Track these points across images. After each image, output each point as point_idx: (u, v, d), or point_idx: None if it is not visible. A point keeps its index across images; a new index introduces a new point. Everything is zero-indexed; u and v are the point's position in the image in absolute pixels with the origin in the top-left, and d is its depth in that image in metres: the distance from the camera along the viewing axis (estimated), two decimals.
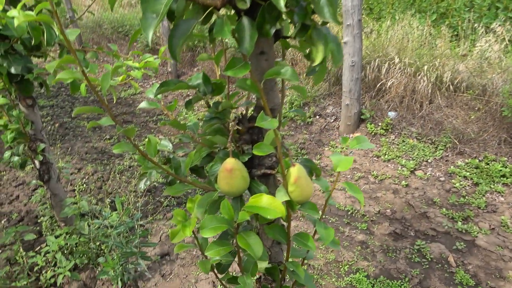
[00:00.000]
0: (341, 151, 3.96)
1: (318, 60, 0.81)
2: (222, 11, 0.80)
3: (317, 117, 4.62)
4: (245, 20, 0.78)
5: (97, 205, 2.84)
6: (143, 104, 1.08)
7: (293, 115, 4.63)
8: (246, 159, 1.01)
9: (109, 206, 2.93)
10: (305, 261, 1.24)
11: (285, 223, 1.06)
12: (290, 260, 1.06)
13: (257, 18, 0.78)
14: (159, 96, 1.11)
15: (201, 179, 1.14)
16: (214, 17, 0.82)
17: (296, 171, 0.95)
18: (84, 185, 3.48)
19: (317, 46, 0.80)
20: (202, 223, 0.90)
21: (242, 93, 1.28)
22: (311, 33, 0.80)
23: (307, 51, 0.87)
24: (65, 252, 2.50)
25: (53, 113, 5.19)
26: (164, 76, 6.52)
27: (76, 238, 2.48)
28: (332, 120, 4.51)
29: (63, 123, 4.84)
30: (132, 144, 0.92)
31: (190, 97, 1.11)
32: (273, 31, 0.82)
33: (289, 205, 0.94)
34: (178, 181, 1.04)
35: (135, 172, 3.66)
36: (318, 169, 1.14)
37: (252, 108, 1.03)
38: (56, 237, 2.53)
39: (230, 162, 0.93)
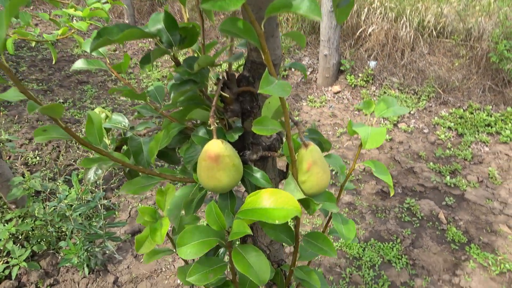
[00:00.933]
0: (320, 106, 3.71)
1: None
2: None
3: (293, 70, 4.30)
4: None
5: (53, 182, 2.48)
6: (78, 64, 0.74)
7: None
8: (236, 137, 0.72)
9: (66, 183, 2.58)
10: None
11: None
12: (297, 264, 0.81)
13: None
14: (103, 50, 0.77)
15: (173, 165, 0.85)
16: None
17: (309, 155, 0.67)
18: (38, 157, 3.07)
19: None
20: (179, 239, 0.62)
21: (222, 42, 0.94)
22: None
23: None
24: (19, 238, 2.18)
25: None
26: None
27: (31, 222, 2.15)
28: (309, 73, 4.21)
29: (7, 87, 4.26)
30: (62, 128, 0.60)
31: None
32: None
33: (304, 203, 0.67)
34: (140, 173, 0.74)
35: None
36: (328, 142, 0.87)
37: (238, 64, 0.72)
38: (7, 221, 2.19)
39: (215, 146, 0.64)
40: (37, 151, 3.15)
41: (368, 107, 0.80)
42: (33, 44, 5.37)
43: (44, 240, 2.19)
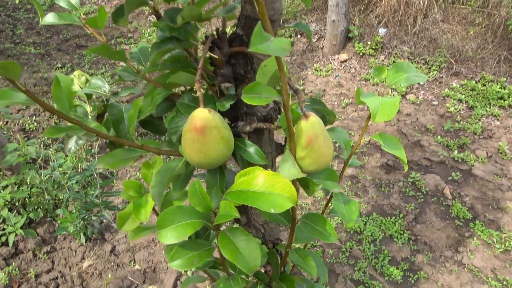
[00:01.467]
0: (326, 75, 3.58)
1: None
2: None
3: (299, 36, 4.12)
4: None
5: (50, 149, 2.42)
6: (48, 18, 0.64)
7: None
8: (228, 106, 0.63)
9: (63, 150, 2.53)
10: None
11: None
12: (294, 246, 0.75)
13: None
14: (75, 2, 0.67)
15: (158, 135, 0.77)
16: None
17: (310, 127, 0.59)
18: (35, 123, 3.01)
19: None
20: (158, 220, 0.55)
21: None
22: None
23: None
24: (16, 205, 2.15)
25: None
26: None
27: (27, 189, 2.12)
28: (315, 40, 4.03)
29: (4, 50, 4.13)
30: (22, 91, 0.51)
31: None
32: None
33: (302, 183, 0.59)
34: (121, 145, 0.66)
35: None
36: (333, 114, 0.78)
37: (233, 23, 0.62)
38: (3, 188, 2.15)
39: (201, 116, 0.56)
40: (34, 117, 3.09)
41: (379, 74, 0.70)
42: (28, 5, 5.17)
43: (41, 207, 2.16)
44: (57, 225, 2.14)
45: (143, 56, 0.72)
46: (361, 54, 3.71)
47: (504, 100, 3.04)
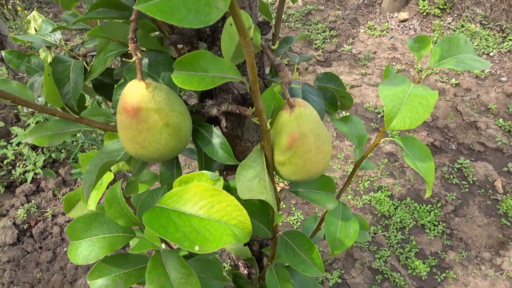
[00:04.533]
0: (380, 35, 3.19)
1: None
2: None
3: None
4: None
5: None
6: None
7: None
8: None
9: None
10: None
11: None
12: (275, 264, 0.59)
13: None
14: None
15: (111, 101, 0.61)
16: None
17: (294, 122, 0.41)
18: None
19: None
20: (70, 227, 0.40)
21: None
22: None
23: None
24: None
25: None
26: None
27: None
28: None
29: None
30: None
31: None
32: None
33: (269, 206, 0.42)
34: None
35: None
36: (349, 97, 0.59)
37: None
38: (29, 125, 2.16)
39: (134, 93, 0.39)
40: None
41: (420, 48, 0.49)
42: None
43: (65, 148, 2.16)
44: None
45: None
46: (425, 13, 3.24)
47: None
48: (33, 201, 2.00)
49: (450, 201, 1.99)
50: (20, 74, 2.47)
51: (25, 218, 1.92)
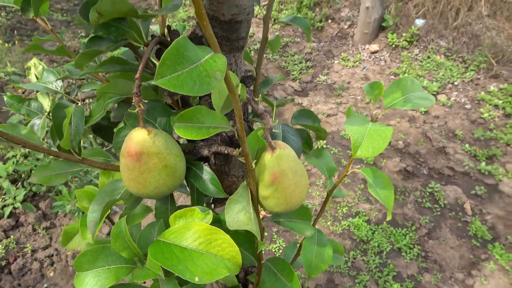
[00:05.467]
0: (353, 66, 3.37)
1: None
2: None
3: (329, 21, 3.89)
4: None
5: None
6: None
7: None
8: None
9: None
10: None
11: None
12: None
13: None
14: None
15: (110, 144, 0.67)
16: None
17: (276, 162, 0.48)
18: None
19: None
20: (77, 261, 0.45)
21: None
22: None
23: None
24: (22, 176, 2.14)
25: None
26: None
27: (30, 163, 2.10)
28: (346, 26, 3.80)
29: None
30: None
31: None
32: None
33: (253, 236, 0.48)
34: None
35: None
36: (323, 131, 0.66)
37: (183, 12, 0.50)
38: (7, 160, 2.15)
39: (137, 139, 0.45)
40: None
41: (373, 91, 0.57)
42: None
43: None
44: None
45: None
46: (393, 46, 3.46)
47: None
48: (12, 236, 1.96)
49: (424, 224, 2.09)
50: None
51: (3, 254, 1.88)
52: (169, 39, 0.46)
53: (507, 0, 3.24)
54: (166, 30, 0.46)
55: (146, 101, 0.53)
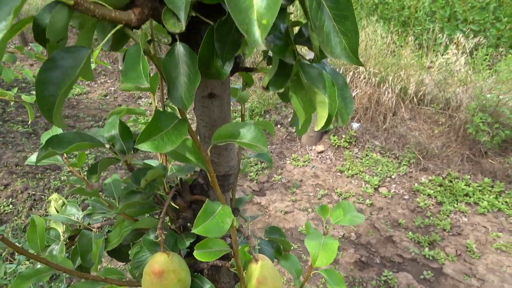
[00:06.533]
0: (303, 165, 3.73)
1: (319, 125, 0.51)
2: (140, 32, 0.47)
3: (279, 126, 4.37)
4: (181, 49, 0.47)
5: (23, 234, 2.37)
6: (32, 159, 0.73)
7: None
8: (188, 244, 0.69)
9: None
10: None
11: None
12: None
13: (200, 49, 0.47)
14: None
15: (122, 263, 0.81)
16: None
17: (259, 270, 0.65)
18: (11, 205, 2.97)
19: (314, 98, 0.51)
20: None
21: None
22: (300, 75, 0.50)
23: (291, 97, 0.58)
24: None
25: None
26: (115, 74, 5.98)
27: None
28: (294, 130, 4.27)
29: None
30: None
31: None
32: (228, 69, 0.50)
33: None
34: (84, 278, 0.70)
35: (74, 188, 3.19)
36: (288, 243, 0.85)
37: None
38: None
39: (160, 261, 0.61)
40: (11, 199, 3.05)
41: (323, 213, 0.79)
42: (14, 91, 5.39)
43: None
44: None
45: (116, 189, 0.79)
46: (336, 146, 3.93)
47: (470, 197, 3.19)
48: None
49: None
50: None
51: None
52: (181, 187, 0.67)
53: (421, 107, 3.92)
54: (179, 180, 0.67)
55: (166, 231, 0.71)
